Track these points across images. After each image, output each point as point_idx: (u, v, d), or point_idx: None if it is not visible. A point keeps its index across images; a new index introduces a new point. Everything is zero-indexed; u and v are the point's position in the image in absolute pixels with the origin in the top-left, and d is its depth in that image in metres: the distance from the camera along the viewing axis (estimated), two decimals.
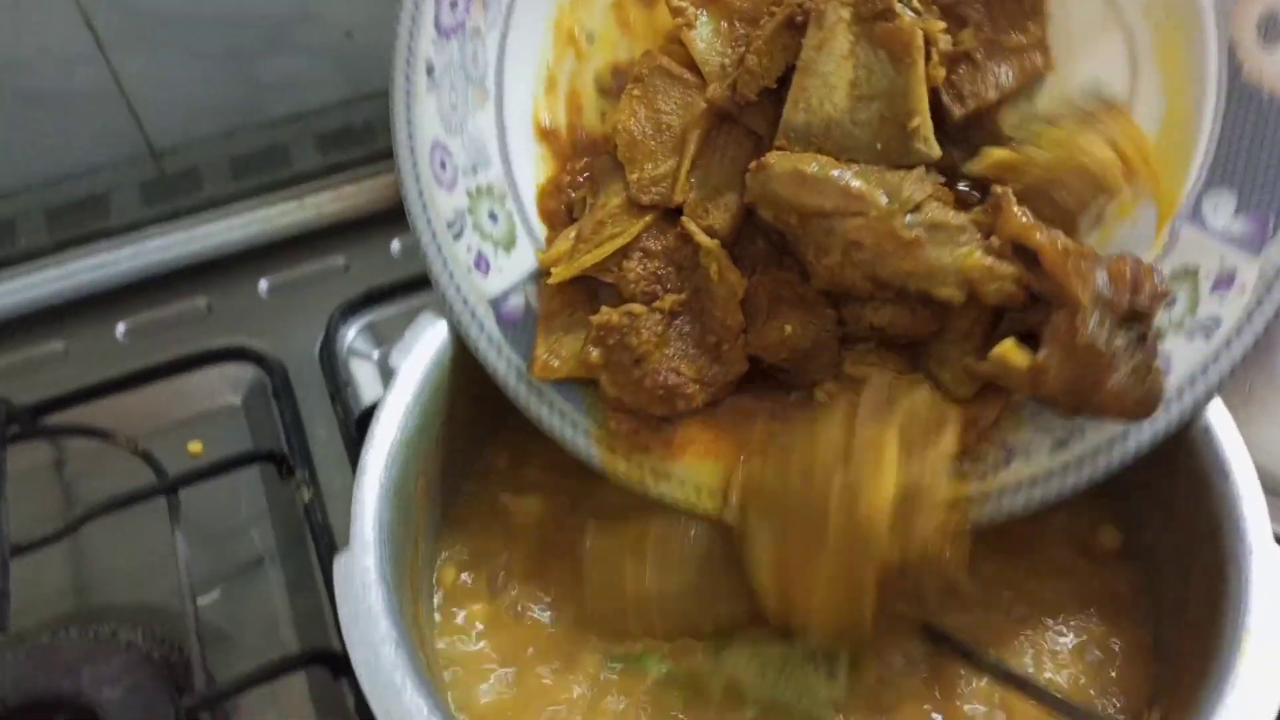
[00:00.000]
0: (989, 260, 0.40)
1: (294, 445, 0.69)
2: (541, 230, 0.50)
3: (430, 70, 0.48)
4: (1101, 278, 0.38)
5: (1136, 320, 0.39)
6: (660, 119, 0.47)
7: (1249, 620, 0.33)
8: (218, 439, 0.71)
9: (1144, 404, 0.39)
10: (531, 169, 0.50)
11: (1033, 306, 0.41)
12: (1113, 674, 0.41)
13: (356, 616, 0.35)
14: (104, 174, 0.82)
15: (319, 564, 0.63)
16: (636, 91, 0.48)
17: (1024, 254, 0.40)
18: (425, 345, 0.44)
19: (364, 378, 0.74)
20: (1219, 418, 0.39)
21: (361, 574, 0.36)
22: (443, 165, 0.48)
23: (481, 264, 0.47)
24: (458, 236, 0.47)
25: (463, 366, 0.47)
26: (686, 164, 0.46)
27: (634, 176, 0.47)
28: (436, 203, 0.47)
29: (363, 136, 0.85)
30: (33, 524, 0.62)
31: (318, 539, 0.64)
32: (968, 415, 0.44)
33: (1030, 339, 0.41)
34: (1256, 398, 0.52)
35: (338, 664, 0.57)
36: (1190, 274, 0.42)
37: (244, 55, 0.82)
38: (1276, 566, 0.34)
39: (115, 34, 0.77)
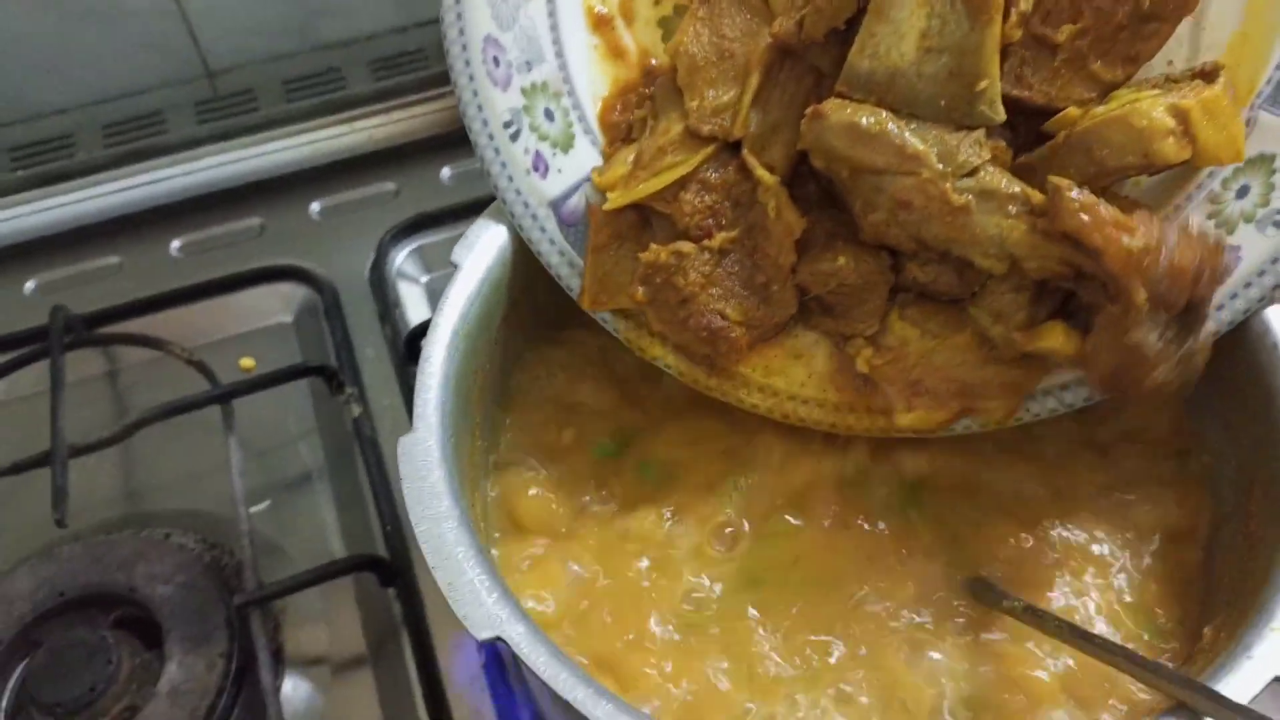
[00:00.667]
0: (1035, 237, 0.39)
1: (344, 362, 0.69)
2: (599, 131, 0.49)
3: None
4: (1162, 276, 0.36)
5: (1191, 311, 0.38)
6: (724, 45, 0.45)
7: None
8: (269, 356, 0.72)
9: (1181, 389, 0.38)
10: (587, 62, 0.48)
11: (1082, 280, 0.40)
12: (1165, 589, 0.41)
13: (420, 494, 0.35)
14: (160, 91, 0.83)
15: (367, 478, 0.64)
16: (701, 13, 0.46)
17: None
18: (487, 243, 0.44)
19: (412, 300, 0.75)
20: None
21: (425, 454, 0.37)
22: (496, 62, 0.46)
23: (540, 165, 0.46)
24: (514, 137, 0.46)
25: (523, 267, 0.46)
26: (749, 97, 0.45)
27: (694, 104, 0.45)
28: (492, 102, 0.46)
29: (415, 62, 0.85)
30: (90, 429, 0.63)
31: (366, 453, 0.65)
32: (1010, 378, 0.43)
33: (1075, 311, 0.40)
34: None
35: (386, 571, 0.59)
36: (1266, 161, 0.40)
37: None
38: None
39: None
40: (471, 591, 0.33)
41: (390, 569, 0.58)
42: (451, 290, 0.42)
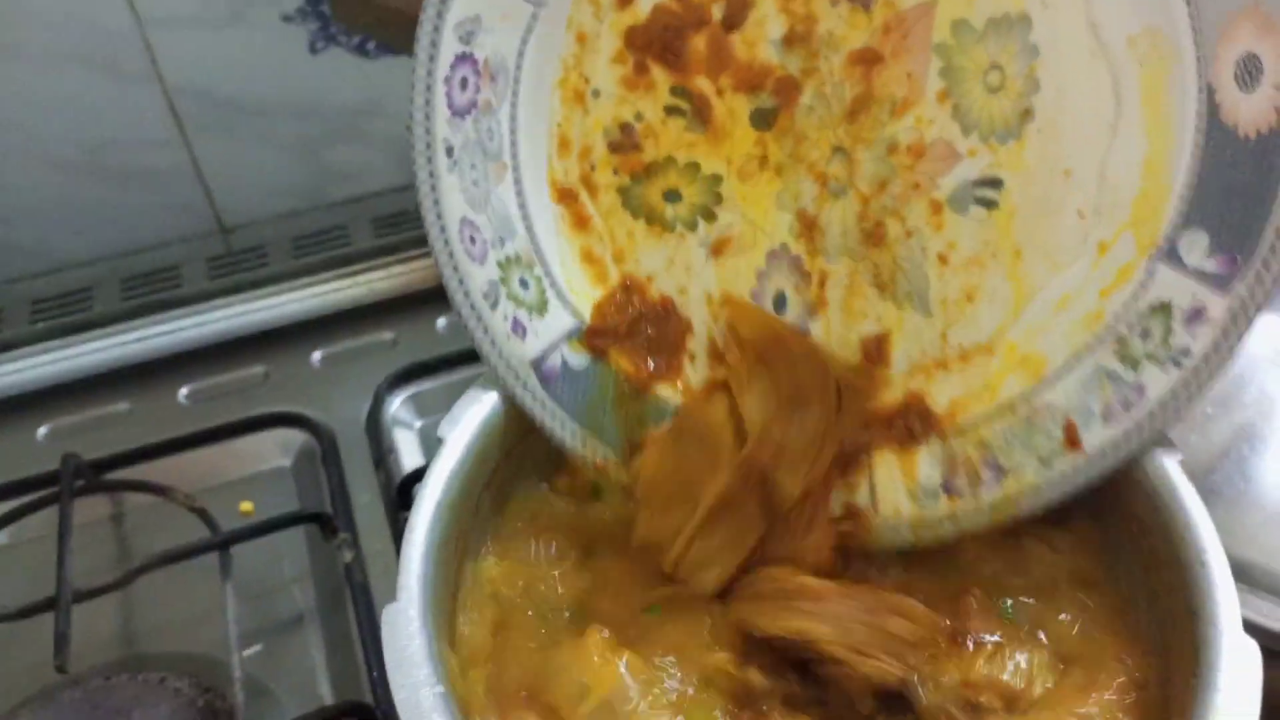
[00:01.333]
0: None
1: (338, 508, 0.73)
2: (569, 293, 0.52)
3: (450, 151, 0.50)
4: None
5: None
6: (681, 475, 0.49)
7: (1218, 699, 0.36)
8: (267, 500, 0.76)
9: None
10: (554, 232, 0.52)
11: None
12: None
13: (400, 662, 0.38)
14: (175, 247, 0.89)
15: (356, 622, 0.67)
16: (666, 443, 0.49)
17: None
18: (471, 417, 0.48)
19: (407, 446, 0.78)
20: (1197, 511, 0.42)
21: (406, 624, 0.40)
22: (472, 240, 0.50)
23: (518, 329, 0.50)
24: (494, 306, 0.50)
25: (514, 426, 0.51)
26: (691, 528, 0.48)
27: (644, 515, 0.49)
28: (471, 276, 0.50)
29: (414, 220, 0.90)
30: (92, 574, 0.66)
31: (356, 598, 0.67)
32: None
33: None
34: (1223, 494, 0.55)
35: (372, 718, 0.61)
36: (1165, 307, 0.44)
37: (313, 143, 0.89)
38: (1248, 654, 0.37)
39: (196, 121, 0.84)
40: None
41: (375, 717, 0.60)
42: (436, 465, 0.46)
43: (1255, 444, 0.62)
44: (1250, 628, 0.39)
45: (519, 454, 0.52)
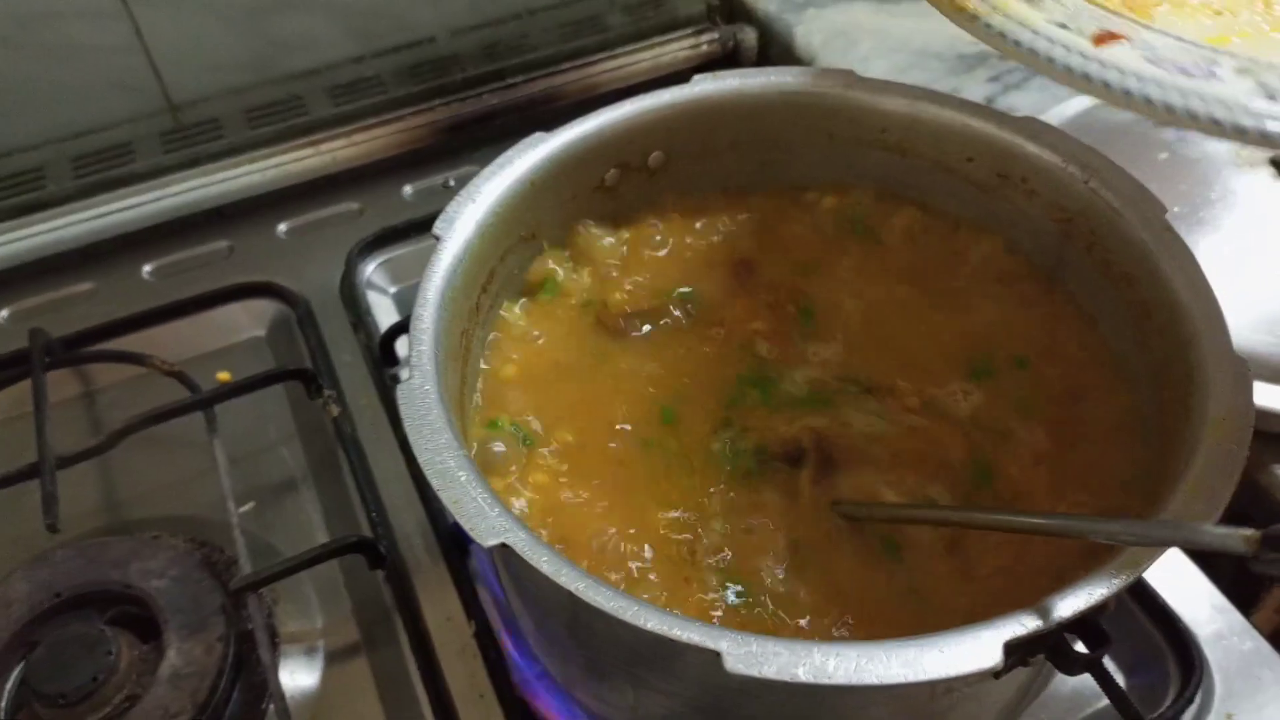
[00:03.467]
0: None
1: (320, 367, 0.72)
2: None
3: None
4: None
5: None
6: None
7: (1209, 408, 0.37)
8: (245, 369, 0.74)
9: None
10: None
11: None
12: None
13: (421, 430, 0.38)
14: (126, 126, 0.85)
15: (350, 473, 0.66)
16: None
17: None
18: (467, 219, 0.48)
19: (383, 309, 0.78)
20: (1184, 253, 0.43)
21: (423, 396, 0.40)
22: None
23: None
24: None
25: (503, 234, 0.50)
26: None
27: None
28: None
29: (373, 88, 0.89)
30: (74, 444, 0.65)
31: (348, 451, 0.67)
32: None
33: None
34: None
35: (374, 553, 0.61)
36: None
37: (260, 12, 0.85)
38: (1240, 370, 0.38)
39: None
40: (476, 507, 0.36)
41: (378, 551, 0.61)
42: (436, 259, 0.45)
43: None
44: None
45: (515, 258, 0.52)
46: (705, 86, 0.54)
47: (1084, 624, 0.35)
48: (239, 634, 0.57)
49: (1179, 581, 0.58)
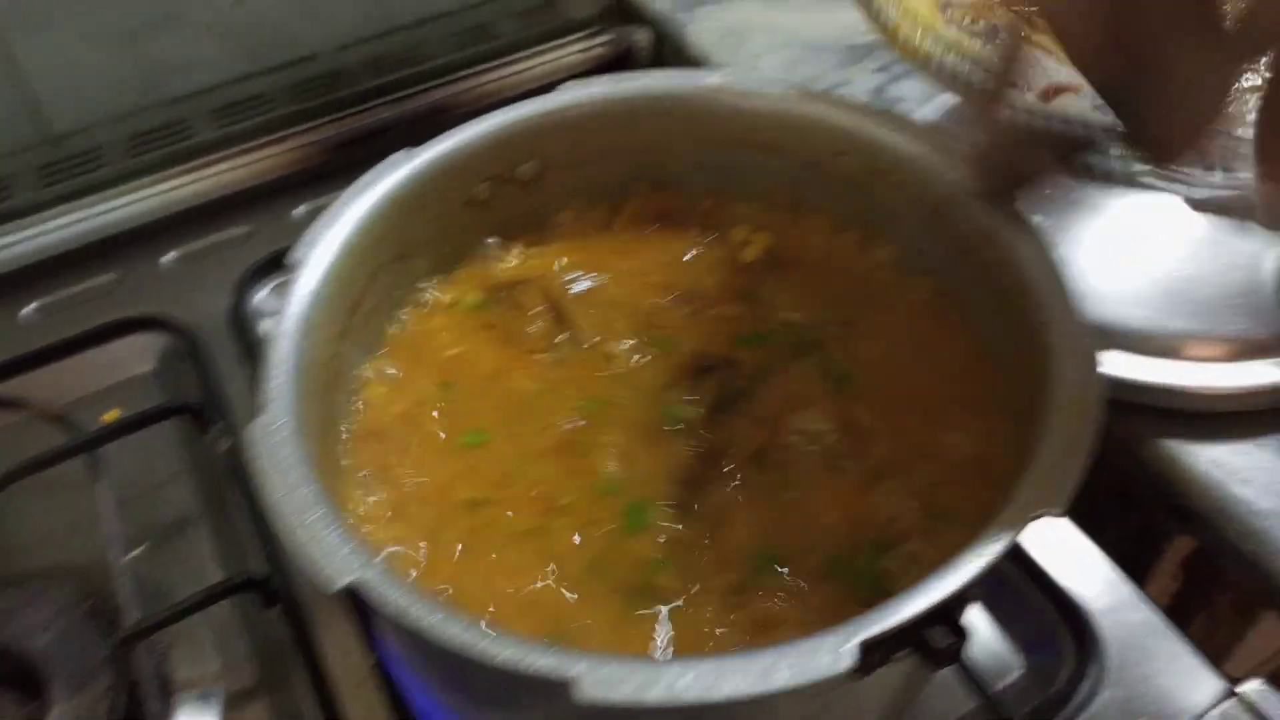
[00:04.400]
0: None
1: (210, 400, 0.70)
2: None
3: None
4: None
5: None
6: None
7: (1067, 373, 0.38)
8: (135, 407, 0.72)
9: None
10: None
11: None
12: None
13: (271, 469, 0.37)
14: (2, 161, 0.82)
15: (244, 507, 0.65)
16: None
17: None
18: (325, 244, 0.46)
19: None
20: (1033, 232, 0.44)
21: (276, 433, 0.38)
22: None
23: None
24: None
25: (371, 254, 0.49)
26: None
27: None
28: None
29: (258, 107, 0.87)
30: None
31: (240, 486, 0.65)
32: None
33: None
34: None
35: (267, 590, 0.59)
36: None
37: (140, 34, 0.83)
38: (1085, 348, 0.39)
39: (7, 17, 0.78)
40: (323, 549, 0.35)
41: (272, 588, 0.59)
42: (293, 288, 0.44)
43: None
44: None
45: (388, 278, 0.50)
46: (571, 95, 0.53)
47: (944, 617, 0.34)
48: (128, 684, 0.55)
49: (1072, 556, 0.59)
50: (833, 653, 0.32)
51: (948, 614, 0.34)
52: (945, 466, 0.45)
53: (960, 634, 0.34)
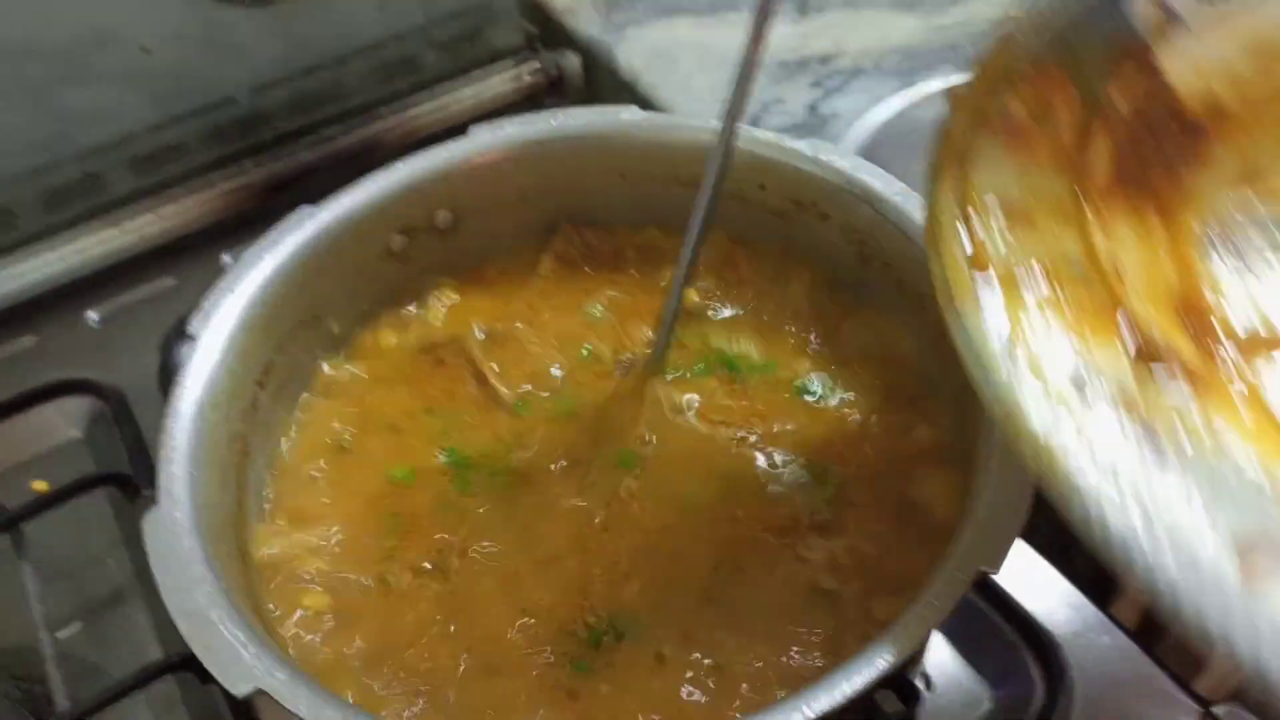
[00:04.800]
0: None
1: (139, 467, 0.67)
2: None
3: None
4: None
5: None
6: None
7: None
8: (63, 476, 0.69)
9: None
10: None
11: None
12: None
13: (168, 565, 0.35)
14: None
15: None
16: None
17: None
18: (224, 312, 0.44)
19: None
20: None
21: (171, 525, 0.37)
22: None
23: None
24: None
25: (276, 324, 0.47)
26: None
27: None
28: None
29: (178, 155, 0.84)
30: None
31: None
32: None
33: None
34: None
35: (203, 669, 0.57)
36: None
37: (46, 87, 0.80)
38: None
39: None
40: (228, 651, 0.33)
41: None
42: (189, 364, 0.42)
43: None
44: None
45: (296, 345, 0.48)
46: (481, 139, 0.51)
47: (892, 683, 0.33)
48: None
49: (1037, 582, 0.57)
50: None
51: (896, 679, 0.33)
52: None
53: (911, 697, 0.33)
